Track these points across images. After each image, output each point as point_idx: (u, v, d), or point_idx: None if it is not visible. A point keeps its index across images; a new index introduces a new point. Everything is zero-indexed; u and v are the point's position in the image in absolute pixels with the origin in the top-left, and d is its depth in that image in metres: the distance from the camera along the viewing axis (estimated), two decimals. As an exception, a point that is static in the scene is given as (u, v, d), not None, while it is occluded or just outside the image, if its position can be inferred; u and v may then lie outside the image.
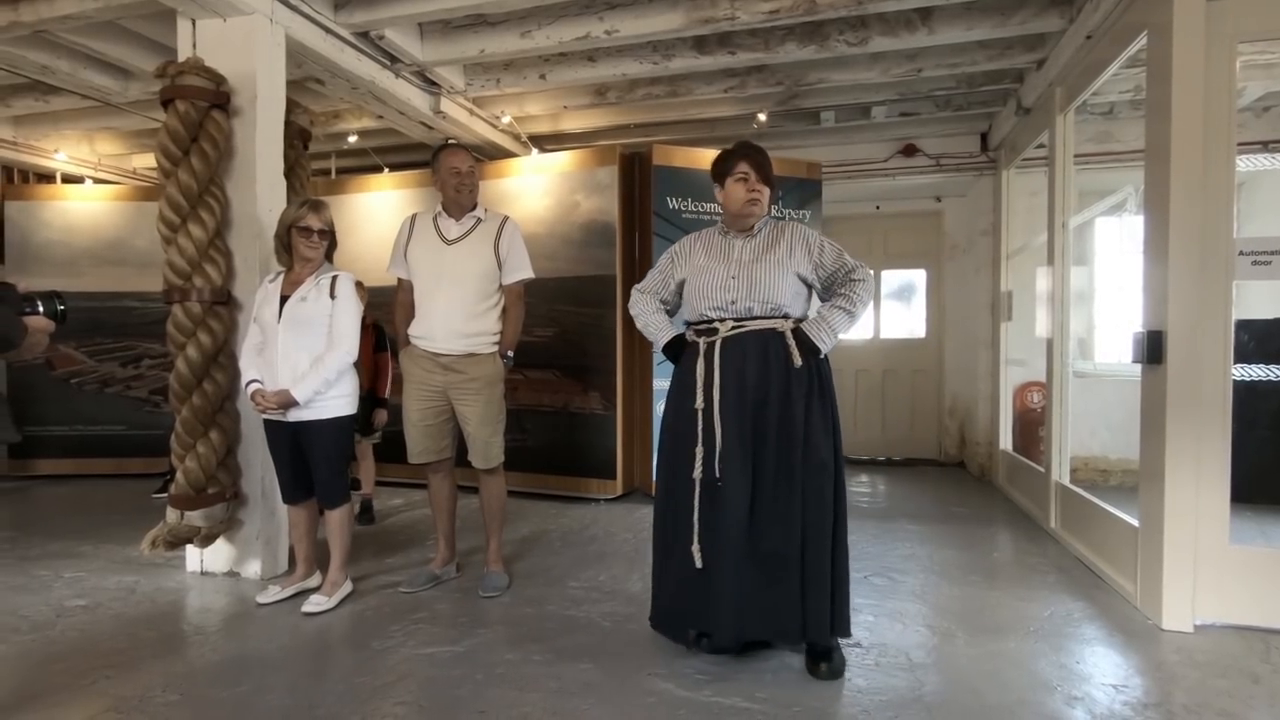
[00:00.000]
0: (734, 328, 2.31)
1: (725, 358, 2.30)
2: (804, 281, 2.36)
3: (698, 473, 2.27)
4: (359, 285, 2.88)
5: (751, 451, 2.26)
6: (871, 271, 2.39)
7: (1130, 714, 2.02)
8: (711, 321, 2.35)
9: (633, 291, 2.58)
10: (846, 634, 2.30)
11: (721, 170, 2.40)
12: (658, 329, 2.50)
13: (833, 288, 2.37)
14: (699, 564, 2.25)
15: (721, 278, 2.34)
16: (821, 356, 2.30)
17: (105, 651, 2.40)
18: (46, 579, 3.14)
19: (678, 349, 2.46)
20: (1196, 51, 2.55)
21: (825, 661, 2.24)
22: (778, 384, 2.26)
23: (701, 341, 2.35)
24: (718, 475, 2.25)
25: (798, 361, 2.25)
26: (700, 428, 2.29)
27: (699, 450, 2.28)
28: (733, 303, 2.32)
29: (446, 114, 4.66)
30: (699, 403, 2.29)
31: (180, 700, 2.09)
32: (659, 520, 2.44)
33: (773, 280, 2.29)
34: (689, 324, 2.45)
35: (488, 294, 2.93)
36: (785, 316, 2.31)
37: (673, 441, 2.39)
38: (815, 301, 2.43)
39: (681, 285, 2.47)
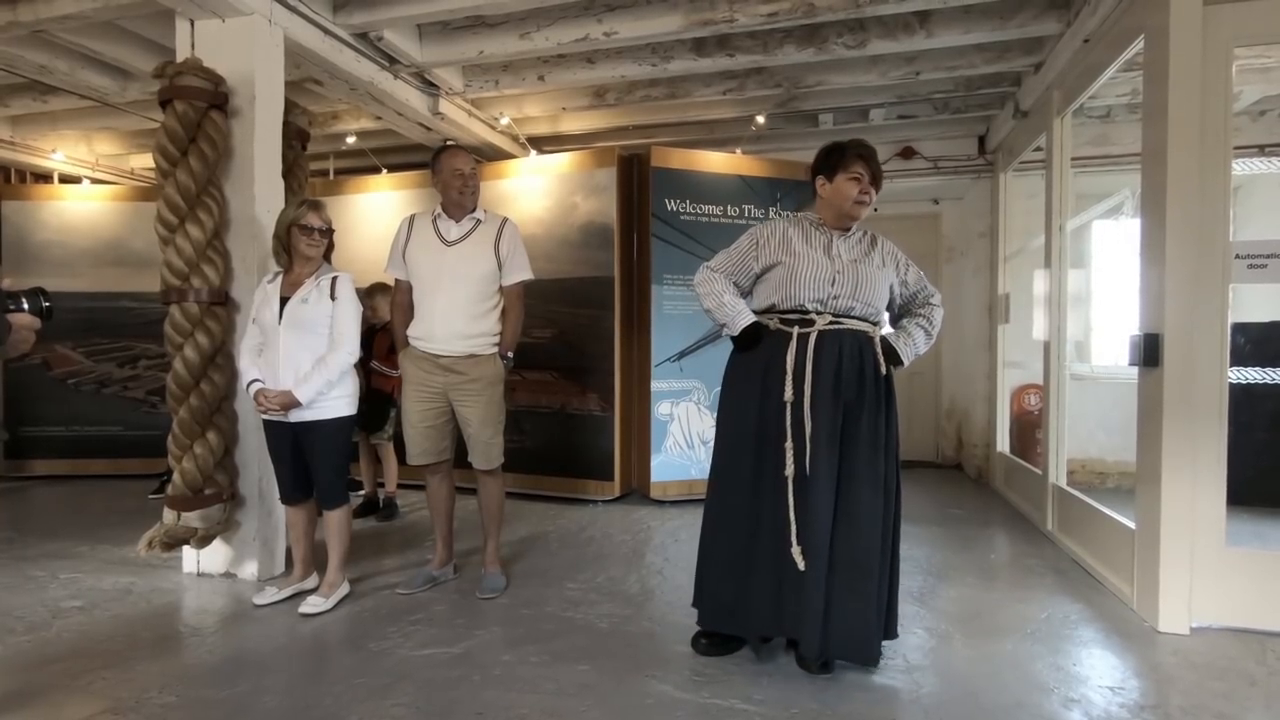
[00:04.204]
0: (831, 323, 2.24)
1: (821, 352, 2.21)
2: (891, 293, 2.36)
3: (790, 469, 2.18)
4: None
5: (839, 453, 2.18)
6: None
7: (1127, 716, 2.02)
8: (808, 313, 2.25)
9: (701, 269, 2.43)
10: (894, 635, 2.33)
11: (833, 164, 2.30)
12: (735, 311, 2.32)
13: (909, 308, 2.40)
14: (801, 566, 2.14)
15: (827, 270, 2.25)
16: (900, 368, 2.30)
17: (101, 652, 2.40)
18: (43, 580, 3.13)
19: (752, 337, 2.31)
20: (1193, 55, 2.56)
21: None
22: (869, 388, 2.23)
23: (795, 331, 2.25)
24: (808, 473, 2.16)
25: (883, 369, 2.25)
26: (790, 421, 2.19)
27: (789, 445, 2.18)
28: (835, 297, 2.24)
29: (445, 115, 4.66)
30: (788, 395, 2.20)
31: (176, 701, 2.08)
32: (718, 519, 2.33)
33: (876, 284, 2.28)
34: (772, 312, 2.33)
35: (488, 295, 2.93)
36: (877, 323, 2.31)
37: (751, 431, 2.26)
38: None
39: (765, 270, 2.33)
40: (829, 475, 2.16)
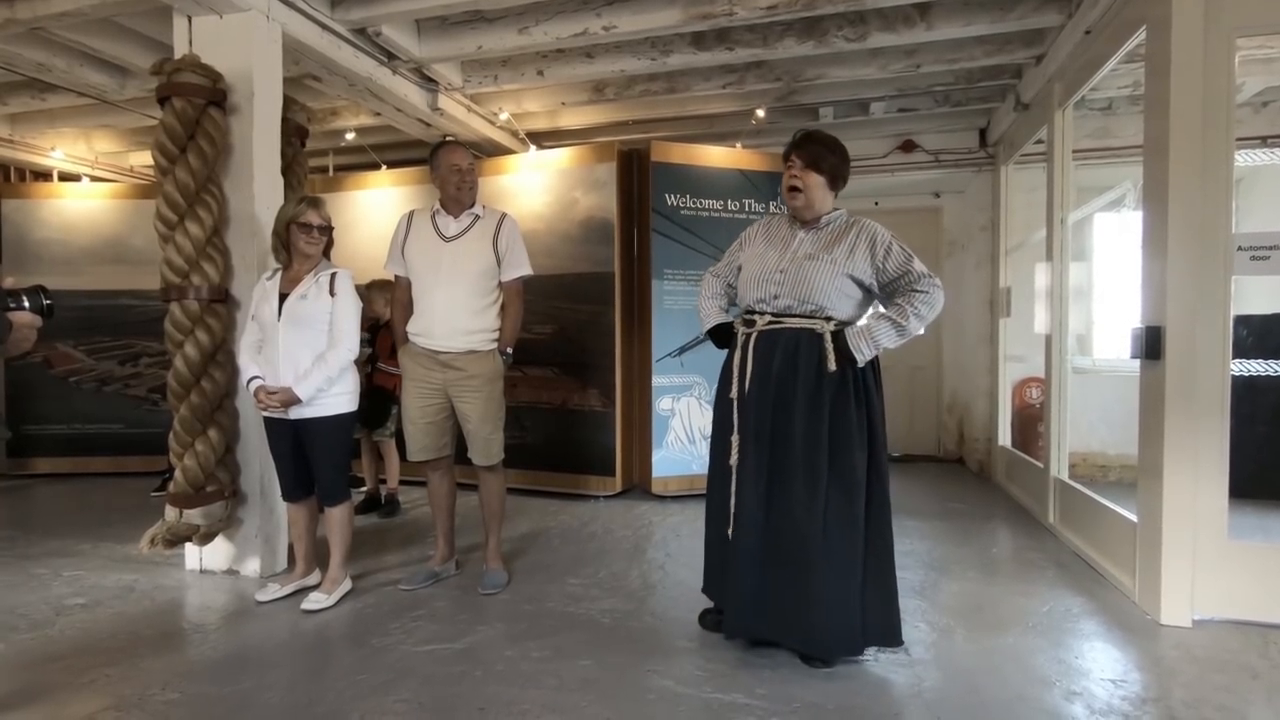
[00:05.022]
0: (770, 323, 2.28)
1: (758, 352, 2.28)
2: (860, 284, 2.27)
3: (733, 460, 2.31)
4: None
5: (769, 450, 2.24)
6: (941, 285, 2.25)
7: (1129, 709, 2.02)
8: (755, 313, 2.33)
9: (705, 272, 2.62)
10: (854, 651, 2.24)
11: (785, 157, 2.37)
12: (705, 315, 2.51)
13: (893, 296, 2.28)
14: (732, 545, 2.30)
15: (772, 270, 2.30)
16: (860, 366, 2.23)
17: (104, 649, 2.40)
18: (45, 577, 3.14)
19: (727, 336, 2.44)
20: (1195, 46, 2.55)
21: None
22: (805, 386, 2.21)
23: (741, 333, 2.35)
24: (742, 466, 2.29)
25: (831, 366, 2.20)
26: (736, 417, 2.32)
27: (734, 439, 2.31)
28: (776, 297, 2.28)
29: (444, 111, 4.64)
30: (734, 392, 2.33)
31: (180, 698, 2.09)
32: (708, 507, 2.49)
33: (816, 279, 2.23)
34: (743, 312, 2.43)
35: (487, 291, 2.92)
36: (827, 318, 2.24)
37: (715, 426, 2.45)
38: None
39: (740, 271, 2.44)
40: (755, 470, 2.26)
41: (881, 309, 2.31)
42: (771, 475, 2.25)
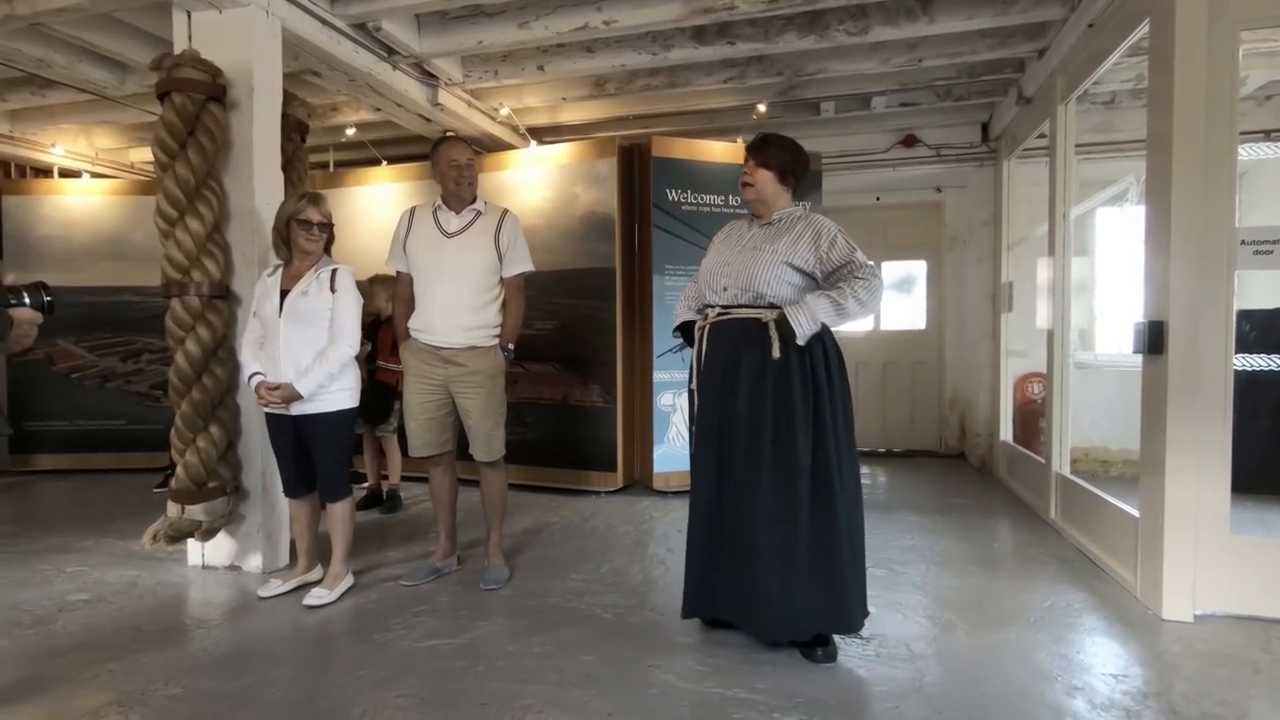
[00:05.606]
0: (720, 314, 2.36)
1: (709, 343, 2.37)
2: (802, 272, 2.31)
3: (692, 449, 2.45)
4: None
5: (718, 438, 2.33)
6: (883, 279, 2.29)
7: (1131, 704, 2.02)
8: (709, 306, 2.43)
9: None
10: (795, 636, 2.24)
11: None
12: (676, 315, 2.61)
13: (837, 284, 2.30)
14: (689, 528, 2.43)
15: (721, 263, 2.39)
16: (800, 344, 2.21)
17: (107, 645, 2.41)
18: (48, 573, 3.15)
19: (685, 335, 2.57)
20: (1199, 39, 2.53)
21: (821, 646, 2.27)
22: (749, 374, 2.27)
23: (697, 326, 2.45)
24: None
25: (775, 353, 2.23)
26: (696, 408, 2.44)
27: (692, 428, 2.45)
28: (725, 289, 2.36)
29: (444, 106, 4.63)
30: (693, 384, 2.44)
31: (182, 693, 2.09)
32: None
33: (757, 269, 2.29)
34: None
35: (488, 287, 2.92)
36: (771, 306, 2.28)
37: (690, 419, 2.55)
38: None
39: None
40: (707, 457, 2.36)
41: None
42: (720, 462, 2.33)
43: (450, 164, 2.89)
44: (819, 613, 2.23)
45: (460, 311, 2.87)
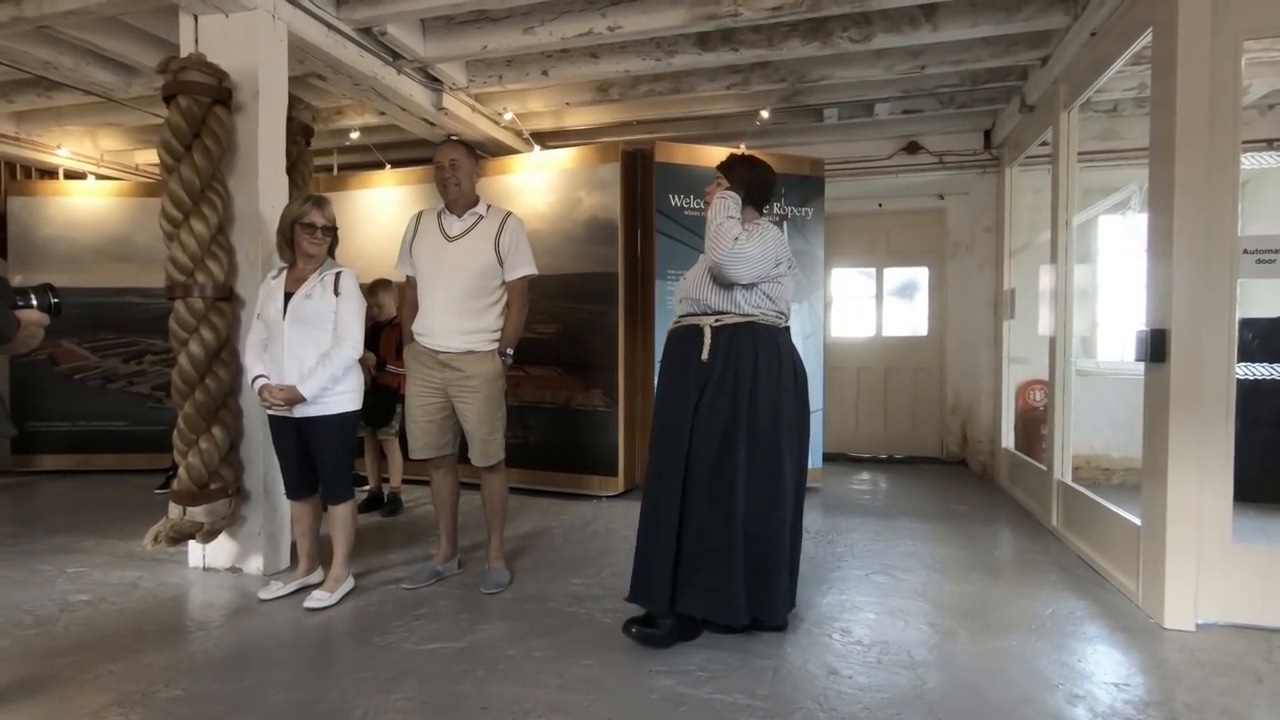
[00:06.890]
0: (675, 323, 2.67)
1: (666, 351, 2.67)
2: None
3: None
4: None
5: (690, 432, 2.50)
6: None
7: (1132, 712, 2.02)
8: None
9: None
10: (733, 621, 2.38)
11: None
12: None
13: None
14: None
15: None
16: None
17: (108, 646, 2.41)
18: (50, 574, 3.15)
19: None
20: (1202, 48, 2.54)
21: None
22: (694, 374, 2.46)
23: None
24: None
25: (704, 356, 2.43)
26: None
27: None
28: (681, 300, 2.66)
29: (449, 110, 4.65)
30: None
31: (183, 695, 2.09)
32: None
33: (695, 277, 2.61)
34: None
35: (486, 291, 2.92)
36: (708, 312, 2.51)
37: None
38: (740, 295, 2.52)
39: None
40: (661, 457, 2.50)
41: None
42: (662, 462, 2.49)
43: (436, 165, 2.92)
44: (755, 605, 2.40)
45: (457, 315, 2.87)
